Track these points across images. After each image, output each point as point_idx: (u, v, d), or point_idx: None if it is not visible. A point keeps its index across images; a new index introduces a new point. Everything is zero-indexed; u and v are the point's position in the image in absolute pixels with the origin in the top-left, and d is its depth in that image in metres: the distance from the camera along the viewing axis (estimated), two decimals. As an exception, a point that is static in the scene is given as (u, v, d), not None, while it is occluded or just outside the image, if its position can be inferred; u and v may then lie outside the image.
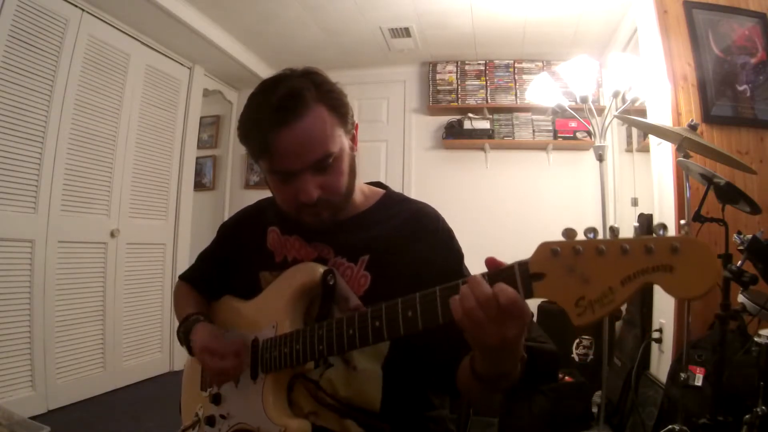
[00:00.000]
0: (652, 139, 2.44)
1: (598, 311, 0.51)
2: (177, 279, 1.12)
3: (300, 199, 0.82)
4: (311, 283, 0.83)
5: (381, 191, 0.99)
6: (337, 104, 0.83)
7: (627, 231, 0.58)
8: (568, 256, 0.54)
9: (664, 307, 2.27)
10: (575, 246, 0.53)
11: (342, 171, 0.84)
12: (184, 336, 0.93)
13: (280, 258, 0.93)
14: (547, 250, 0.55)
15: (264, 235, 0.97)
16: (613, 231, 0.54)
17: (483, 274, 0.60)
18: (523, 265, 0.57)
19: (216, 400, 0.91)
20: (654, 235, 0.50)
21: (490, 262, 0.61)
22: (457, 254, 0.91)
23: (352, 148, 0.88)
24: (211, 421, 0.90)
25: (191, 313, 0.95)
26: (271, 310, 0.87)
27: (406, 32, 3.40)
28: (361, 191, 0.96)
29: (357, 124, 0.91)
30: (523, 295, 0.57)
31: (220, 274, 1.04)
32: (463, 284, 0.60)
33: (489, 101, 3.74)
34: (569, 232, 0.55)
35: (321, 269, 0.83)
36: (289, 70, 0.85)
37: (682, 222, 0.53)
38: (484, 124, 3.69)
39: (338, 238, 0.89)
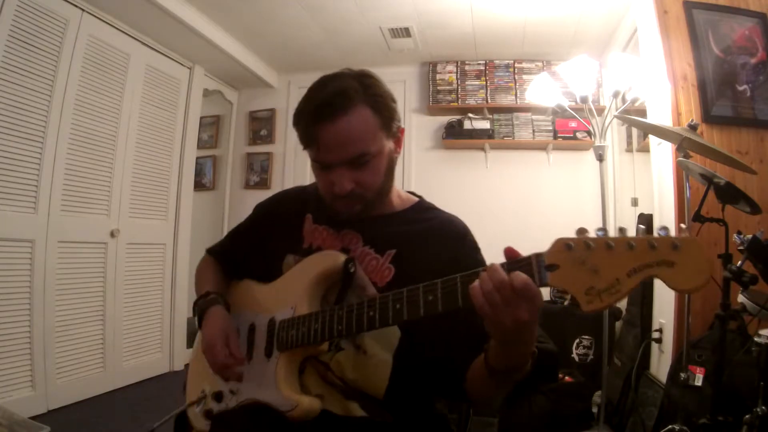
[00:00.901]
0: (652, 139, 2.44)
1: (605, 299, 0.57)
2: (204, 253, 1.15)
3: (334, 190, 0.87)
4: (332, 270, 0.87)
5: (415, 198, 1.05)
6: (382, 107, 0.88)
7: (629, 231, 0.63)
8: (580, 250, 0.59)
9: (664, 307, 2.27)
10: (587, 241, 0.59)
11: (378, 170, 0.89)
12: (200, 312, 0.97)
13: (307, 245, 0.97)
14: (561, 244, 0.61)
15: (302, 220, 1.01)
16: (622, 231, 0.59)
17: (502, 264, 0.65)
18: (539, 256, 0.63)
19: None
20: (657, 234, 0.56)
21: (508, 251, 0.67)
22: (480, 265, 0.93)
23: (394, 151, 0.93)
24: (219, 396, 0.92)
25: (210, 291, 0.99)
26: (290, 294, 0.90)
27: (406, 32, 3.40)
28: (398, 195, 1.02)
29: (403, 129, 0.95)
30: (538, 283, 0.62)
31: (248, 252, 1.08)
32: (483, 272, 0.65)
33: (489, 101, 3.74)
34: (582, 230, 0.61)
35: (343, 257, 0.87)
36: (347, 70, 0.91)
37: (683, 226, 0.58)
38: (484, 124, 3.69)
39: (369, 228, 0.94)
